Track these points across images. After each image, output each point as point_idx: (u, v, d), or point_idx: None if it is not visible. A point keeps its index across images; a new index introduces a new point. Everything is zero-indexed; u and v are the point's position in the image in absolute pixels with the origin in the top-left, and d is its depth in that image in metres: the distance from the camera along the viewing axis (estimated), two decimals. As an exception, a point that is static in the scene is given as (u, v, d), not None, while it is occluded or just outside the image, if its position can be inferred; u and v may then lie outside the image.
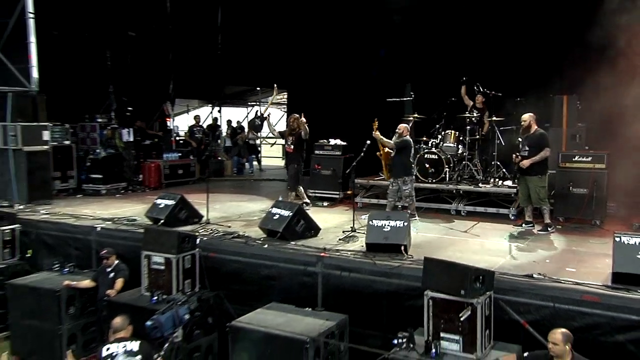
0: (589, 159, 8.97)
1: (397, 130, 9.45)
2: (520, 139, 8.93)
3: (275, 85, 11.88)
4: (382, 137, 9.58)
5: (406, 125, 9.71)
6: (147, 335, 6.32)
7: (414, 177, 9.86)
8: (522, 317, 5.75)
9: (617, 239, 5.99)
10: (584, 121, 9.91)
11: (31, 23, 11.70)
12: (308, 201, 10.75)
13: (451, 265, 5.76)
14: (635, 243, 5.89)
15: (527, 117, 8.32)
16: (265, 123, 13.40)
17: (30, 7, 11.64)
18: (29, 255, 9.50)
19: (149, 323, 6.57)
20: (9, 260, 9.06)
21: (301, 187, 10.82)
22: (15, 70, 11.53)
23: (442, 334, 5.44)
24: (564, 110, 9.93)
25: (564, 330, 4.87)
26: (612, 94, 9.03)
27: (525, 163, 8.20)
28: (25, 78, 11.67)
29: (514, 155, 8.74)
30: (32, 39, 11.77)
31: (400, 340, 5.55)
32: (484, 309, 5.37)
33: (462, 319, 5.30)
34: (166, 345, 6.04)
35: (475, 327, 5.26)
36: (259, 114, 17.50)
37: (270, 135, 14.94)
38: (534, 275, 6.18)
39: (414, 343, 5.48)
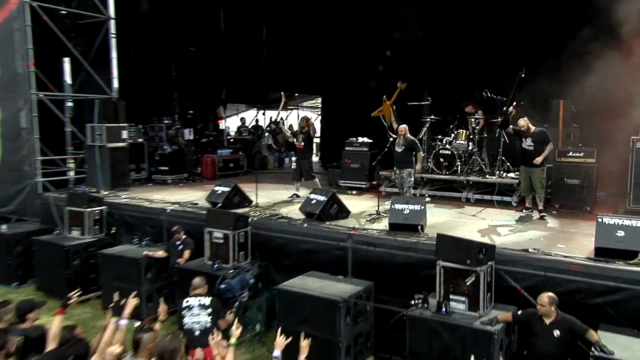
0: (581, 154, 8.90)
1: (399, 133, 9.31)
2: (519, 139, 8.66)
3: (282, 93, 11.72)
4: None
5: (405, 125, 9.52)
6: (220, 295, 6.52)
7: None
8: (518, 284, 5.86)
9: (600, 220, 6.06)
10: (578, 121, 9.72)
11: (113, 43, 12.01)
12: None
13: (459, 240, 5.86)
14: (614, 223, 5.94)
15: (522, 122, 8.22)
16: (280, 126, 13.80)
17: (112, 29, 11.90)
18: (113, 231, 9.71)
19: (222, 286, 6.92)
20: (98, 235, 9.32)
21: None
22: (100, 81, 11.79)
23: (451, 296, 5.58)
24: (560, 112, 9.81)
25: (550, 294, 5.04)
26: (602, 97, 8.89)
27: (539, 160, 8.00)
28: (108, 87, 11.99)
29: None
30: (114, 55, 12.08)
31: (416, 301, 5.73)
32: (486, 276, 5.50)
33: (467, 284, 5.48)
34: (236, 303, 6.26)
35: (478, 291, 5.41)
36: (272, 119, 17.62)
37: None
38: (529, 250, 6.26)
39: (428, 303, 5.67)
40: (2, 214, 10.98)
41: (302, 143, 10.67)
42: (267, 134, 18.17)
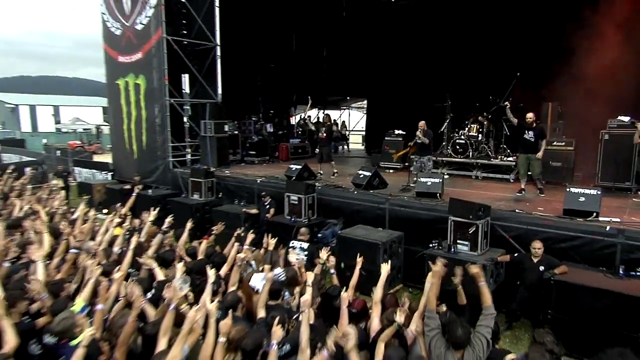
0: (563, 143, 8.80)
1: (419, 127, 8.93)
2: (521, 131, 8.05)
3: (309, 97, 11.06)
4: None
5: (424, 121, 9.06)
6: (317, 242, 6.82)
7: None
8: (507, 234, 6.05)
9: (568, 190, 6.19)
10: (562, 118, 9.47)
11: (218, 62, 12.27)
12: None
13: (465, 202, 6.12)
14: (578, 191, 6.06)
15: (531, 115, 7.76)
16: (307, 122, 14.11)
17: (218, 53, 12.12)
18: (220, 196, 10.03)
19: (319, 235, 7.16)
20: (210, 198, 9.69)
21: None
22: (209, 90, 12.12)
23: (458, 241, 5.86)
24: (549, 112, 9.60)
25: (540, 241, 5.28)
26: (580, 100, 8.77)
27: (540, 154, 7.58)
28: (215, 94, 12.28)
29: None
30: (218, 71, 12.35)
31: (433, 244, 6.07)
32: (483, 227, 5.77)
33: (470, 232, 5.76)
34: (329, 247, 6.24)
35: (477, 237, 5.70)
36: (303, 117, 16.99)
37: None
38: (516, 211, 6.42)
39: (441, 246, 5.97)
40: (147, 183, 11.39)
41: (325, 135, 10.55)
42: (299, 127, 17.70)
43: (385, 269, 4.12)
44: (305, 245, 6.15)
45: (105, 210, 8.69)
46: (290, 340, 3.19)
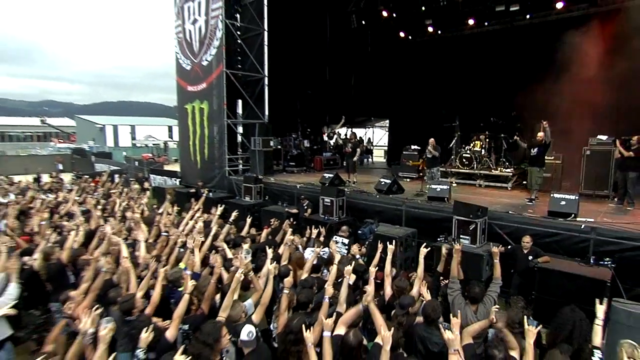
0: (552, 157, 8.82)
1: (429, 143, 9.16)
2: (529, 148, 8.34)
3: (343, 116, 11.46)
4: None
5: (433, 139, 9.31)
6: (358, 238, 6.97)
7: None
8: (501, 230, 6.30)
9: (551, 195, 6.38)
10: (552, 136, 9.10)
11: (266, 89, 12.82)
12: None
13: (466, 204, 6.29)
14: (559, 197, 6.25)
15: (540, 135, 7.78)
16: (335, 137, 13.97)
17: (265, 82, 12.68)
18: (267, 198, 10.27)
19: (359, 232, 7.38)
20: (259, 200, 9.89)
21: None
22: (258, 112, 12.64)
23: (461, 236, 6.05)
24: (541, 129, 9.55)
25: (529, 236, 5.53)
26: (568, 121, 8.82)
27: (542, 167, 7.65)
28: (262, 116, 12.77)
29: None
30: (266, 97, 12.89)
31: (440, 239, 6.30)
32: (482, 225, 5.98)
33: (470, 229, 5.96)
34: (366, 242, 6.62)
35: (476, 233, 5.91)
36: (332, 132, 16.72)
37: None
38: (509, 212, 6.64)
39: (447, 239, 6.16)
40: (208, 187, 11.69)
41: (350, 149, 10.70)
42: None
43: (422, 252, 4.49)
44: (346, 240, 6.33)
45: (177, 208, 9.46)
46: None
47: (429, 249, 4.59)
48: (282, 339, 3.01)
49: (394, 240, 6.17)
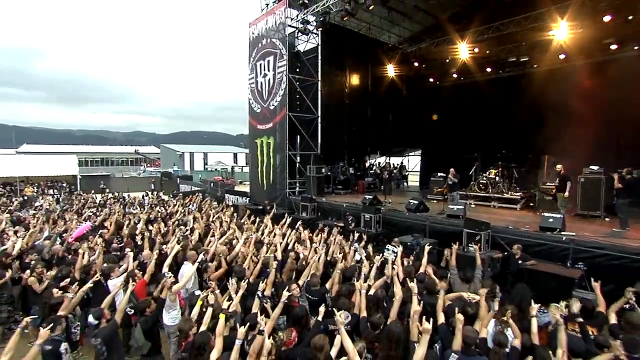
0: (553, 184, 9.12)
1: (450, 172, 9.66)
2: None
3: (378, 150, 12.11)
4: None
5: (453, 168, 9.75)
6: (408, 247, 7.04)
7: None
8: (502, 241, 6.90)
9: (543, 215, 7.02)
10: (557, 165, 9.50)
11: (319, 126, 13.97)
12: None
13: (474, 220, 7.00)
14: (549, 215, 6.89)
15: (560, 166, 8.15)
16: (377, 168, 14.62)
17: (319, 121, 13.83)
18: (319, 214, 11.05)
19: (409, 244, 7.32)
20: (313, 215, 10.83)
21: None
22: (312, 145, 13.77)
23: (469, 245, 6.66)
24: (545, 162, 10.22)
25: (519, 245, 6.35)
26: (567, 154, 9.17)
27: (567, 194, 7.98)
28: (316, 148, 13.91)
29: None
30: (319, 132, 14.05)
31: (455, 245, 6.42)
32: (485, 236, 6.70)
33: (477, 239, 6.63)
34: (414, 252, 6.77)
35: (481, 242, 6.60)
36: (374, 163, 17.86)
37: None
38: (509, 227, 7.31)
39: (459, 246, 6.49)
40: (273, 205, 12.00)
41: (387, 176, 11.51)
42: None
43: (426, 249, 5.73)
44: (396, 248, 6.47)
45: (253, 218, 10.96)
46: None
47: (431, 247, 5.94)
48: (335, 297, 4.62)
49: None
